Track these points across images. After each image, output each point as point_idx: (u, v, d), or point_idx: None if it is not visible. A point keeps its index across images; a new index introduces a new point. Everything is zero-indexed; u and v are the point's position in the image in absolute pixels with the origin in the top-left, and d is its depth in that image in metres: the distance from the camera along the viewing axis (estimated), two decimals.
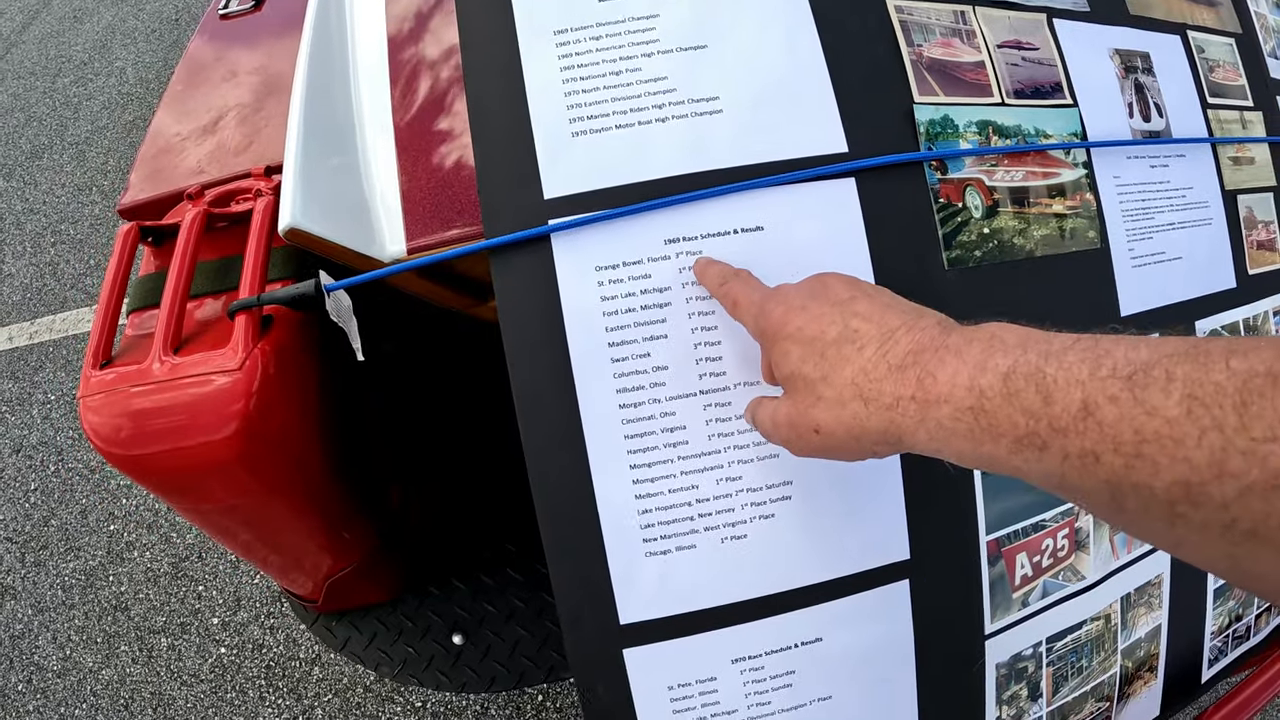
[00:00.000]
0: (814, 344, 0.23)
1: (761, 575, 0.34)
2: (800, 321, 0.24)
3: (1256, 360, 0.14)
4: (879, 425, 0.21)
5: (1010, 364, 0.18)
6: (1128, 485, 0.15)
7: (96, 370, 0.36)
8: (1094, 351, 0.17)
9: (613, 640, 0.33)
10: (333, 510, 0.46)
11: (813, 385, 0.23)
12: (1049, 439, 0.16)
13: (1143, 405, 0.15)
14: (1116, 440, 0.15)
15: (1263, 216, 0.51)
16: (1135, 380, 0.15)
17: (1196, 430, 0.14)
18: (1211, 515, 0.14)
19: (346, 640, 0.58)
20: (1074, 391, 0.16)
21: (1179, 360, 0.15)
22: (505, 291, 0.33)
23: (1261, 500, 0.13)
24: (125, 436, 0.35)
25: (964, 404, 0.18)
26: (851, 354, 0.22)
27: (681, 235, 0.33)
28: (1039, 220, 0.39)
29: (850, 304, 0.24)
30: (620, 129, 0.34)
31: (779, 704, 0.35)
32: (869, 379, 0.21)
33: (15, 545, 1.03)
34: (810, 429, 0.23)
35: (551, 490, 0.32)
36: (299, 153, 0.39)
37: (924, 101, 0.37)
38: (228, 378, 0.34)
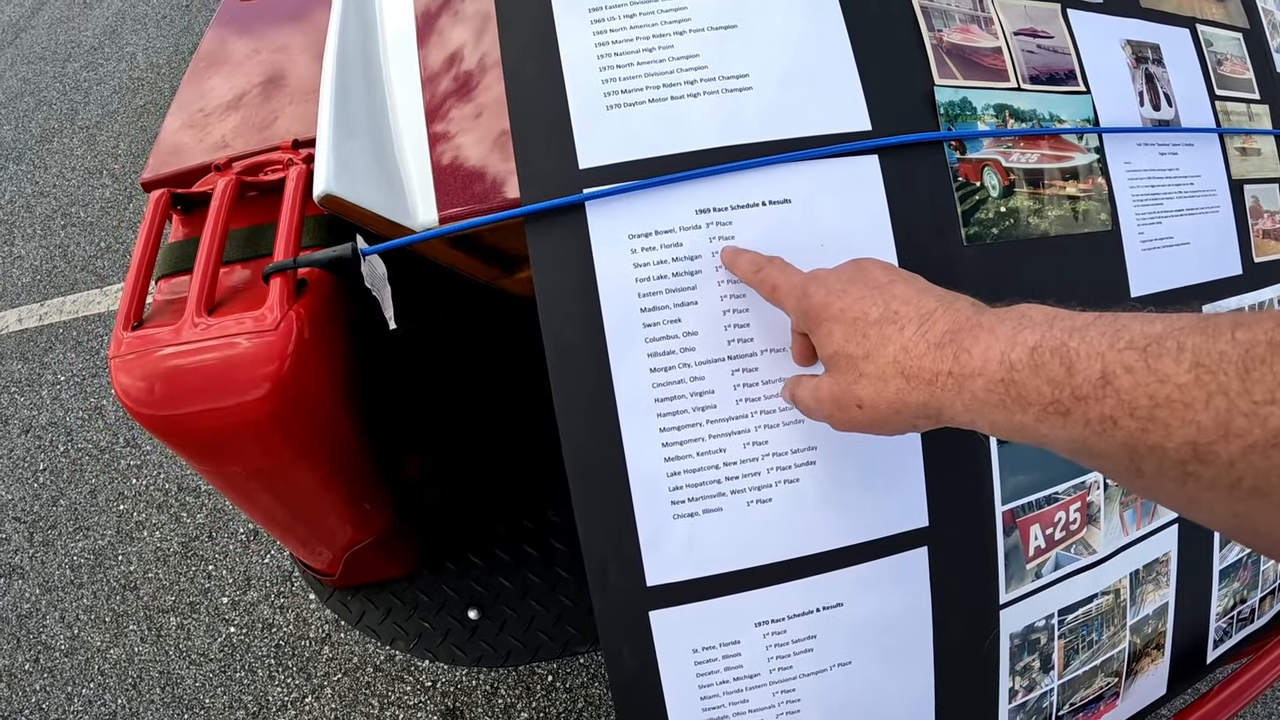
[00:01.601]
0: (857, 324, 0.24)
1: (785, 539, 0.35)
2: (843, 304, 0.25)
3: (1259, 330, 0.15)
4: (920, 399, 0.22)
5: (1038, 338, 0.19)
6: (1144, 448, 0.16)
7: (128, 331, 0.36)
8: (1113, 326, 0.18)
9: (639, 602, 0.34)
10: (356, 480, 0.46)
11: (856, 363, 0.24)
12: (1072, 406, 0.18)
13: (1155, 373, 0.16)
14: (1132, 406, 0.16)
15: (1269, 207, 0.52)
16: (1149, 351, 0.16)
17: (1204, 395, 0.15)
18: (1219, 473, 0.15)
19: (362, 615, 0.58)
20: (1094, 363, 0.17)
21: (1189, 332, 0.16)
22: (540, 258, 0.33)
23: (1263, 458, 0.14)
24: (157, 396, 0.35)
25: (996, 376, 0.20)
26: (893, 333, 0.23)
27: (712, 206, 0.34)
28: (1053, 201, 0.40)
29: (889, 287, 0.25)
30: (653, 103, 0.35)
31: (800, 668, 0.36)
32: (910, 356, 0.22)
33: (24, 525, 1.03)
34: (854, 404, 0.24)
35: (582, 452, 0.33)
36: (332, 121, 0.39)
37: (944, 84, 0.38)
38: (263, 338, 0.34)
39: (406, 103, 0.45)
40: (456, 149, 0.43)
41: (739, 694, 0.36)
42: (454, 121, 0.44)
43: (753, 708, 0.36)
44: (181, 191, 0.44)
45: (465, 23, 0.47)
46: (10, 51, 1.87)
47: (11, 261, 1.37)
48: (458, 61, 0.46)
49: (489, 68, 0.45)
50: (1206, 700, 0.48)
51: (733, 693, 0.36)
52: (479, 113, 0.44)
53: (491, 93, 0.43)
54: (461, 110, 0.45)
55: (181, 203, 0.45)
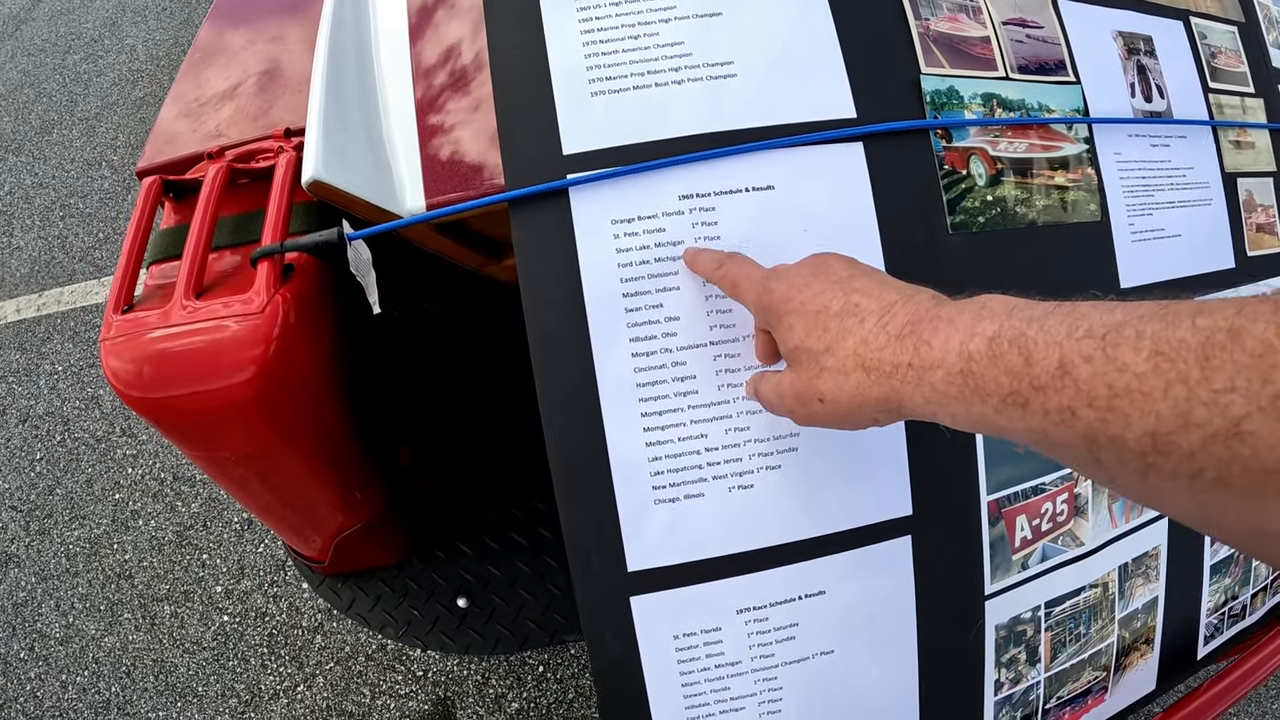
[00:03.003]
0: (818, 318, 0.24)
1: (767, 526, 0.35)
2: (804, 298, 0.25)
3: (1219, 317, 0.15)
4: (880, 392, 0.22)
5: (996, 328, 0.19)
6: (1103, 438, 0.16)
7: (118, 314, 0.37)
8: (1072, 315, 0.18)
9: (621, 587, 0.34)
10: (345, 465, 0.47)
11: (816, 356, 0.24)
12: (1030, 396, 0.17)
13: (1114, 362, 0.16)
14: (1091, 395, 0.16)
15: (1263, 200, 0.52)
16: (1108, 339, 0.16)
17: (1163, 383, 0.15)
18: (1180, 464, 0.15)
19: (352, 602, 0.59)
20: (1052, 352, 0.17)
21: (1148, 320, 0.16)
22: (523, 243, 0.34)
23: (1224, 447, 0.14)
24: (146, 379, 0.35)
25: (955, 368, 0.20)
26: (853, 326, 0.23)
27: (695, 191, 0.34)
28: (1041, 191, 0.40)
29: (850, 281, 0.25)
30: (638, 90, 0.35)
31: (782, 656, 0.36)
32: (870, 348, 0.22)
33: (20, 514, 1.04)
34: (815, 398, 0.24)
35: (563, 436, 0.33)
36: (322, 109, 0.40)
37: (930, 72, 0.38)
38: (250, 321, 0.35)
39: (397, 93, 0.46)
40: (445, 138, 0.44)
41: (720, 681, 0.36)
42: (443, 112, 0.45)
43: (734, 695, 0.36)
44: (173, 179, 0.45)
45: (456, 14, 0.48)
46: (10, 44, 1.88)
47: (10, 252, 1.38)
48: (448, 53, 0.47)
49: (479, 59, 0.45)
50: (1196, 697, 0.48)
51: (714, 680, 0.36)
52: (468, 103, 0.44)
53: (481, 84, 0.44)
54: (451, 100, 0.45)
55: (173, 190, 0.46)
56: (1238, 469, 0.14)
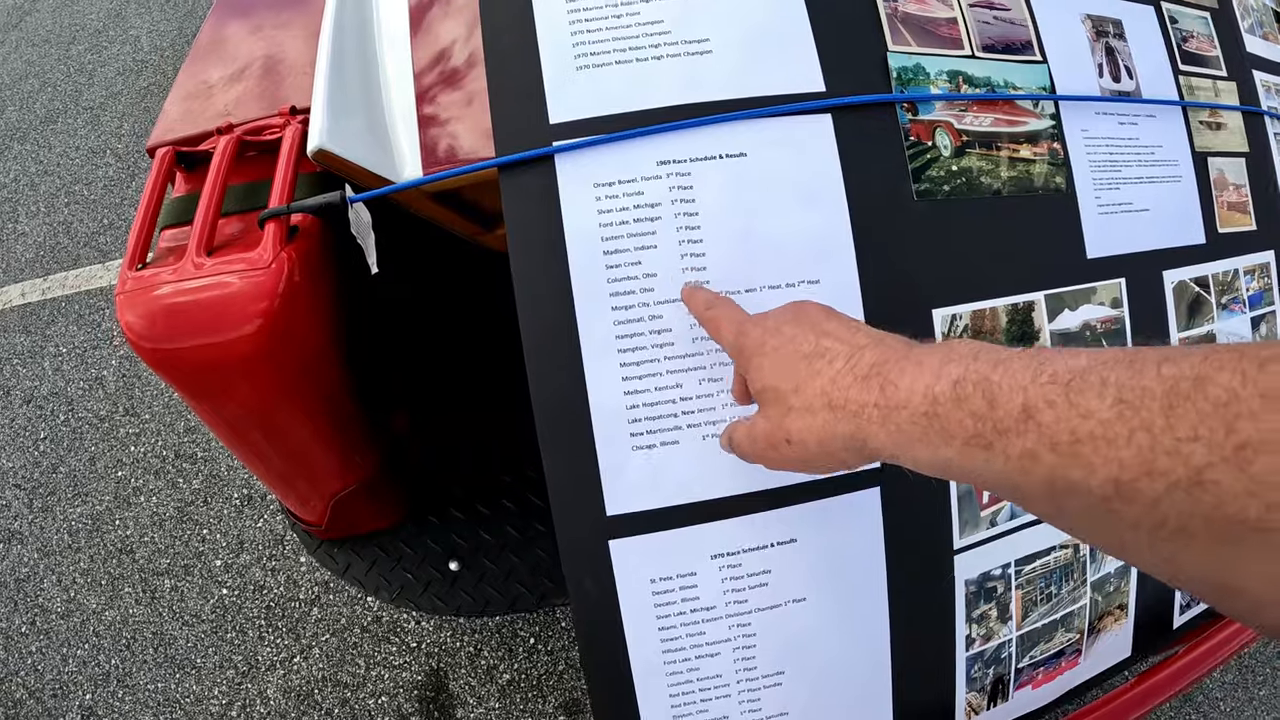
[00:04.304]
0: (788, 359, 0.25)
1: (740, 473, 0.38)
2: (776, 341, 0.26)
3: (1185, 365, 0.15)
4: (846, 430, 0.22)
5: (961, 371, 0.20)
6: (1064, 484, 0.16)
7: (133, 270, 0.40)
8: (1036, 359, 0.18)
9: (600, 531, 0.37)
10: (343, 423, 0.50)
11: (784, 397, 0.25)
12: (994, 440, 0.18)
13: (1078, 408, 0.16)
14: (1054, 440, 0.16)
15: (1235, 180, 0.54)
16: (1072, 385, 0.16)
17: (1126, 430, 0.15)
18: (1143, 513, 0.15)
19: (347, 566, 0.62)
20: (1016, 396, 0.18)
21: (1113, 366, 0.16)
22: (512, 205, 0.37)
23: (1187, 497, 0.14)
24: (159, 331, 0.39)
25: (920, 409, 0.20)
26: (822, 367, 0.24)
27: (672, 158, 0.37)
28: (1006, 163, 0.43)
29: (822, 323, 0.26)
30: (620, 64, 0.38)
31: (756, 602, 0.39)
32: (837, 388, 0.23)
33: (23, 492, 1.08)
34: (783, 439, 0.25)
35: (547, 387, 0.37)
36: (327, 83, 0.43)
37: (897, 50, 0.41)
38: (256, 277, 0.38)
39: (397, 70, 0.49)
40: (442, 113, 0.47)
41: (696, 626, 0.39)
42: (440, 87, 0.48)
43: (710, 640, 0.39)
44: (185, 149, 0.49)
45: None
46: (15, 34, 1.94)
47: (16, 238, 1.43)
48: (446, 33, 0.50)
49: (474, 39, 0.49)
50: (1167, 665, 0.50)
51: (690, 624, 0.39)
52: (464, 80, 0.48)
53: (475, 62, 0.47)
54: (448, 77, 0.49)
55: (185, 161, 0.50)
56: (1200, 519, 0.14)
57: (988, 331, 0.42)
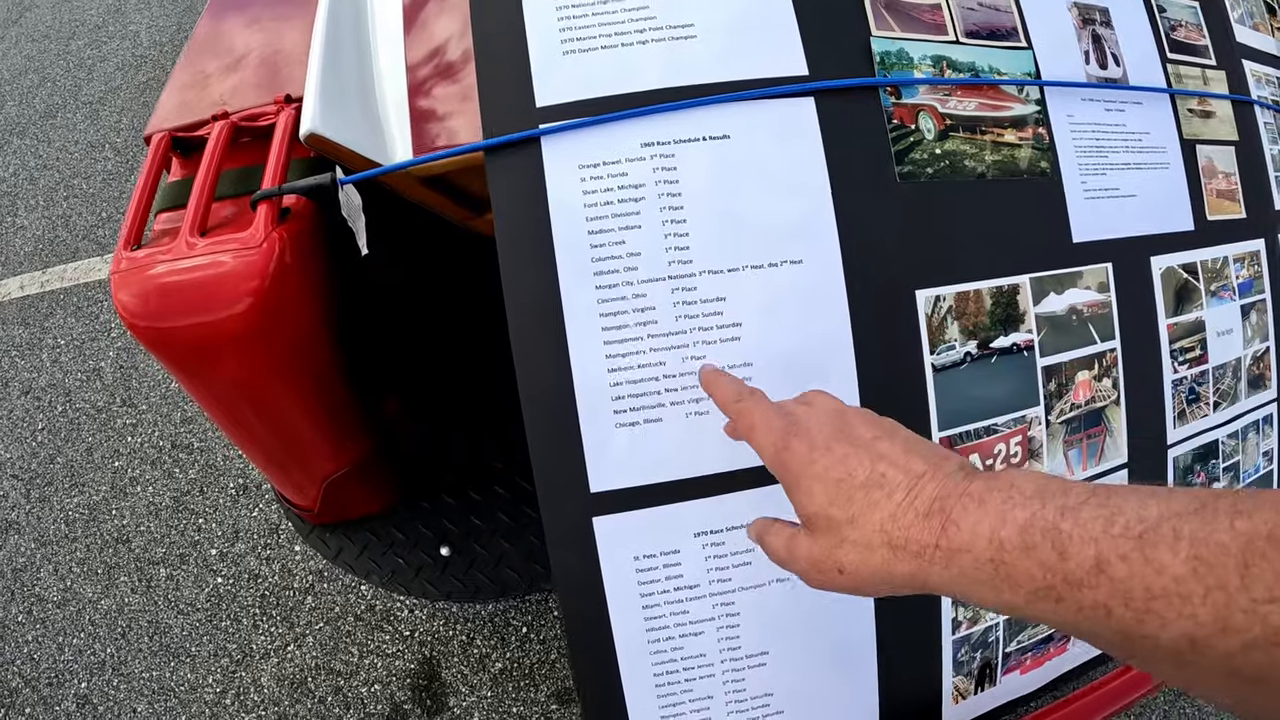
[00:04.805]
0: (841, 486, 0.24)
1: (723, 451, 0.39)
2: (827, 462, 0.25)
3: (1260, 521, 0.15)
4: (906, 571, 0.22)
5: (1028, 517, 0.19)
6: (1137, 636, 0.17)
7: (128, 251, 0.42)
8: (1107, 508, 0.18)
9: (584, 508, 0.38)
10: (334, 404, 0.51)
11: (839, 528, 0.24)
12: (1064, 592, 0.18)
13: (1151, 563, 0.16)
14: (1127, 596, 0.17)
15: (1224, 168, 0.55)
16: (1145, 538, 0.17)
17: (1202, 589, 0.15)
18: (1216, 663, 0.15)
19: (339, 550, 0.63)
20: (1088, 549, 0.18)
21: (1186, 518, 0.16)
22: (499, 187, 0.38)
23: (1263, 653, 0.15)
24: (153, 309, 0.40)
25: (985, 555, 0.20)
26: (880, 499, 0.23)
27: (656, 140, 0.38)
28: (990, 147, 0.44)
29: (874, 445, 0.25)
30: (605, 49, 0.39)
31: (739, 581, 0.40)
32: (897, 525, 0.22)
33: (21, 482, 1.10)
34: (834, 568, 0.24)
35: (532, 365, 0.38)
36: (320, 69, 0.44)
37: (880, 35, 0.42)
38: (249, 255, 0.40)
39: (389, 57, 0.51)
40: (433, 99, 0.49)
41: (679, 604, 0.40)
42: (432, 75, 0.49)
43: (693, 619, 0.40)
44: (181, 135, 0.50)
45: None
46: (15, 30, 1.97)
47: (15, 231, 1.45)
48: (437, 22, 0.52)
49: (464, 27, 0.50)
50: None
51: (674, 603, 0.40)
52: (454, 68, 0.49)
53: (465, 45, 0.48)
54: (438, 65, 0.50)
55: (181, 147, 0.51)
56: (1275, 672, 0.14)
57: (972, 313, 0.43)
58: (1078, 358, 0.46)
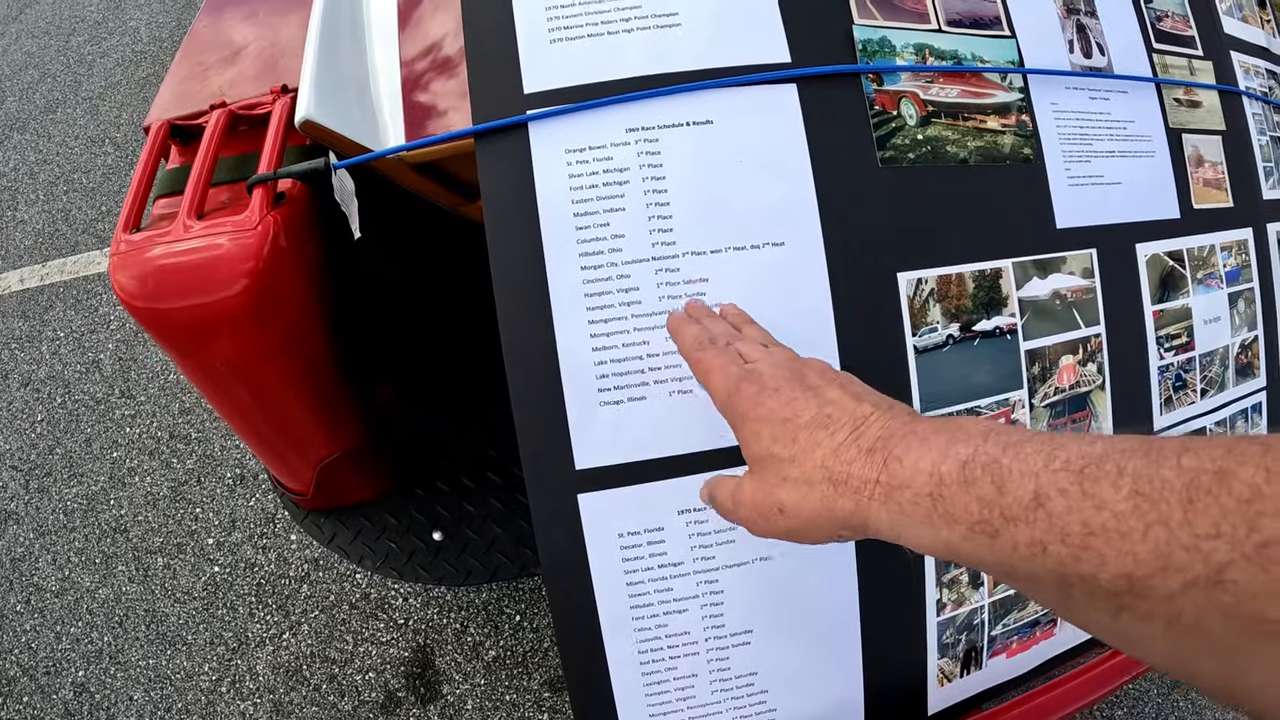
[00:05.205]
0: (786, 425, 0.24)
1: (706, 429, 0.40)
2: (774, 403, 0.24)
3: (1206, 457, 0.14)
4: (846, 507, 0.21)
5: (970, 452, 0.19)
6: (1074, 576, 0.16)
7: (126, 234, 0.43)
8: (1050, 444, 0.18)
9: (569, 485, 0.40)
10: (328, 388, 0.53)
11: (781, 465, 0.23)
12: (1001, 527, 0.17)
13: (1092, 498, 0.16)
14: (1064, 531, 0.16)
15: (1211, 157, 0.56)
16: (1086, 474, 0.16)
17: (1142, 525, 0.15)
18: (1155, 608, 0.15)
19: (333, 535, 0.65)
20: (1027, 482, 0.17)
21: (1131, 455, 0.16)
22: (488, 171, 0.40)
23: (1205, 594, 0.14)
24: (150, 290, 0.42)
25: (924, 489, 0.19)
26: (824, 438, 0.23)
27: (641, 125, 0.40)
28: (973, 133, 0.45)
29: (824, 390, 0.25)
30: (591, 37, 0.41)
31: (723, 559, 0.41)
32: (840, 461, 0.22)
33: (20, 473, 1.12)
34: (775, 508, 0.23)
35: (519, 343, 0.39)
36: (316, 57, 0.46)
37: (863, 23, 0.43)
38: (244, 237, 0.41)
39: (384, 47, 0.52)
40: (425, 87, 0.50)
41: (664, 582, 0.41)
42: (424, 64, 0.51)
43: (677, 597, 0.41)
44: (179, 123, 0.52)
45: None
46: (15, 26, 2.00)
47: (15, 225, 1.48)
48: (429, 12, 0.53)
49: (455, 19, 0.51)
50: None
51: (658, 580, 0.41)
52: (445, 57, 0.51)
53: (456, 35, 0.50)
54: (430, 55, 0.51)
55: (180, 135, 0.53)
56: (1217, 617, 0.14)
57: (954, 296, 0.44)
58: (1061, 342, 0.47)
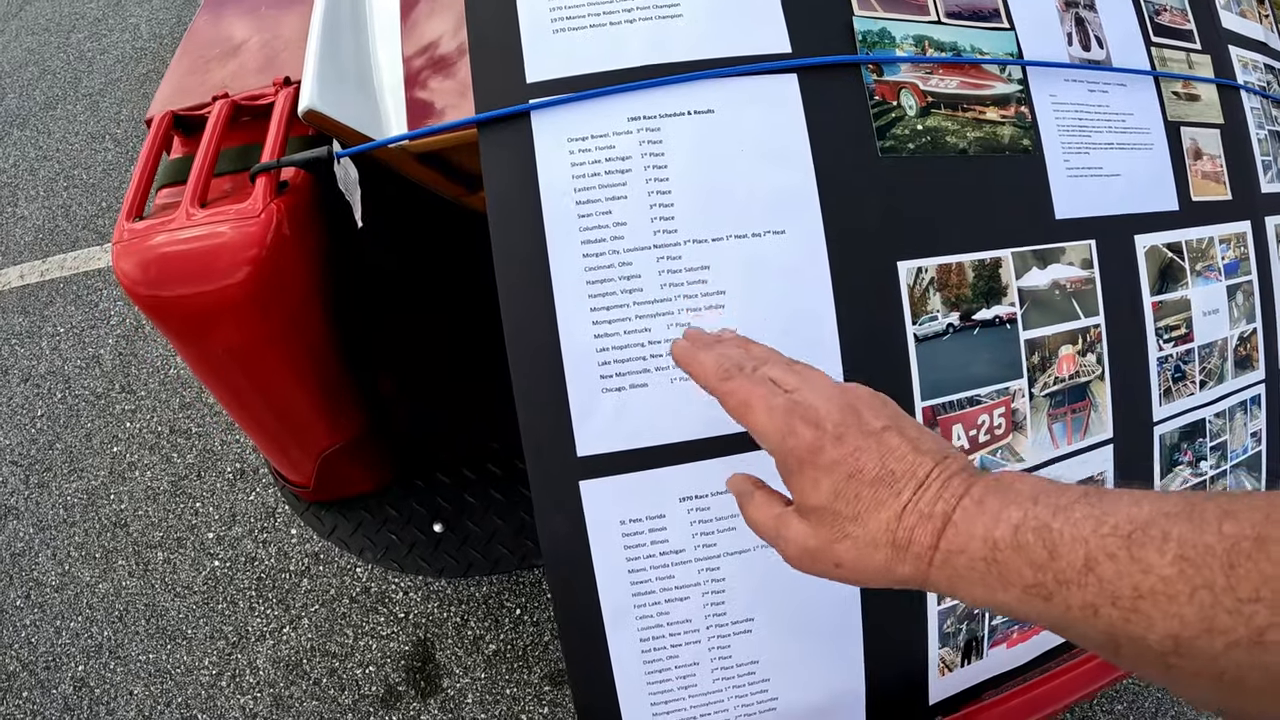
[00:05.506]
0: (851, 481, 0.23)
1: (708, 416, 0.40)
2: (836, 454, 0.24)
3: (1246, 523, 0.16)
4: (906, 573, 0.22)
5: (1021, 516, 0.20)
6: (1124, 636, 0.17)
7: (129, 222, 0.44)
8: (1098, 507, 0.19)
9: (571, 472, 0.40)
10: (329, 377, 0.53)
11: (842, 523, 0.23)
12: (1054, 590, 0.18)
13: (1139, 563, 0.17)
14: (1115, 595, 0.17)
15: (1209, 150, 0.57)
16: (1134, 539, 0.17)
17: (1188, 589, 0.16)
18: (1201, 665, 0.16)
19: (334, 527, 0.65)
20: (1078, 548, 0.18)
21: (1175, 520, 0.17)
22: (490, 159, 0.40)
23: (1247, 654, 0.15)
24: (153, 277, 0.42)
25: (979, 554, 0.20)
26: (887, 498, 0.23)
27: (642, 114, 0.40)
28: (972, 124, 0.45)
29: (884, 437, 0.24)
30: (594, 28, 0.41)
31: (724, 546, 0.41)
32: (903, 526, 0.22)
33: (20, 468, 1.12)
34: (832, 563, 0.24)
35: (521, 332, 0.39)
36: (319, 46, 0.46)
37: (863, 15, 0.44)
38: (247, 225, 0.42)
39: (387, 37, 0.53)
40: (428, 77, 0.51)
41: (665, 569, 0.41)
42: (426, 55, 0.51)
43: (679, 584, 0.41)
44: (183, 114, 0.52)
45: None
46: (15, 23, 2.00)
47: (15, 222, 1.48)
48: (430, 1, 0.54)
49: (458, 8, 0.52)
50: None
51: (659, 568, 0.41)
52: (448, 47, 0.51)
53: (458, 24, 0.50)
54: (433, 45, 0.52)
55: (183, 126, 0.53)
56: (1259, 674, 0.15)
57: (954, 285, 0.45)
58: (1061, 332, 0.48)
